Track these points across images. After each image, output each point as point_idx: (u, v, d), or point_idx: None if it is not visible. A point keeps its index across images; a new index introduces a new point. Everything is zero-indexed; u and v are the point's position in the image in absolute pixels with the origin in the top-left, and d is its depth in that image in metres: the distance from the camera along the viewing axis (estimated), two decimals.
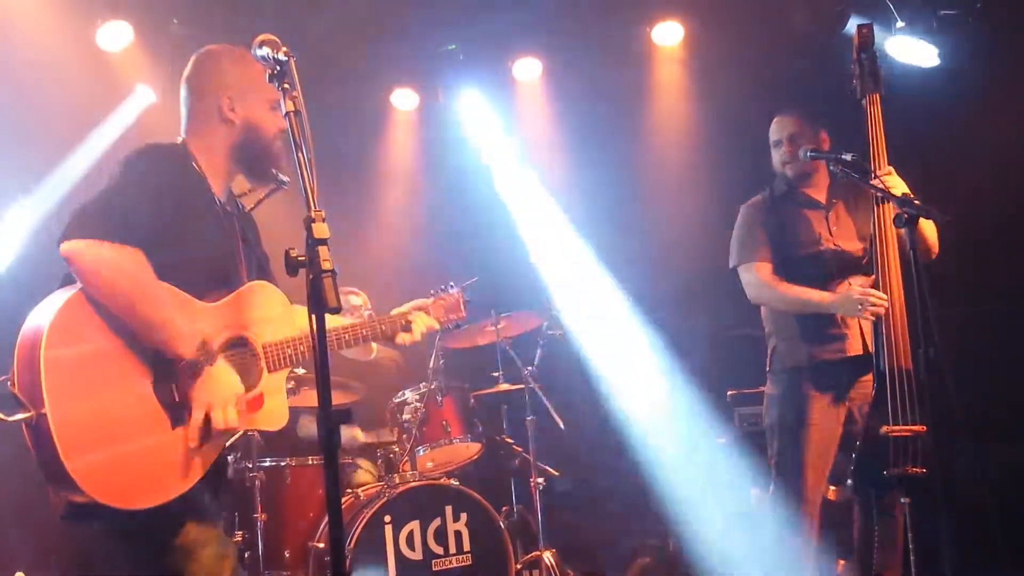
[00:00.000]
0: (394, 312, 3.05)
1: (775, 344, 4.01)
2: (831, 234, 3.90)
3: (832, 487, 4.06)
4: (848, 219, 3.93)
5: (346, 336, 2.89)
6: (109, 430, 2.35)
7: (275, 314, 2.74)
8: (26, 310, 2.47)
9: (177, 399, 2.48)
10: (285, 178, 2.81)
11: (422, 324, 3.02)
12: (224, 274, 2.68)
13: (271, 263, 2.96)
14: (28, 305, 2.48)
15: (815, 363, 3.84)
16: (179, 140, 2.75)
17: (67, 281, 2.50)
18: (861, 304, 3.59)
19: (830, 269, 3.85)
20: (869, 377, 3.72)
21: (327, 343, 2.04)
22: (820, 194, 4.00)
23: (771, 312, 4.05)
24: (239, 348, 2.66)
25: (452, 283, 3.25)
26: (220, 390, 2.50)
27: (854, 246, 3.88)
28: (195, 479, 2.50)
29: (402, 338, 2.99)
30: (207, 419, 2.48)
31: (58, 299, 2.41)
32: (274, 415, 2.72)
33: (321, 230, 2.03)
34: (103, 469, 2.32)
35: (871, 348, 3.72)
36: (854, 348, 3.79)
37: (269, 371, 2.68)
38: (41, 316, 2.39)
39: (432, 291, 3.20)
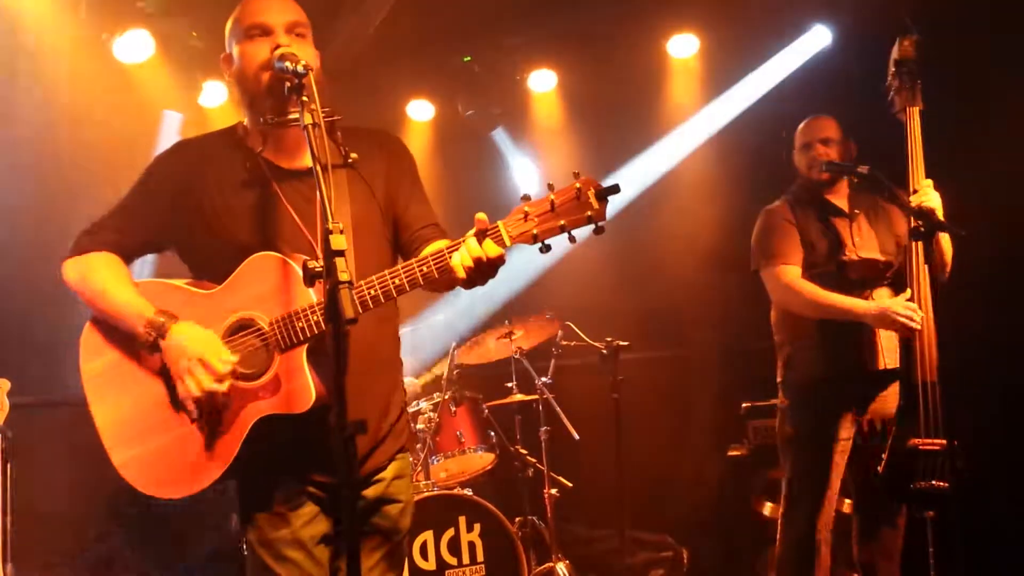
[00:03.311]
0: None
1: (790, 353, 3.89)
2: (854, 244, 3.80)
3: (847, 500, 4.02)
4: (870, 230, 3.84)
5: (395, 281, 2.31)
6: (139, 428, 2.48)
7: (280, 285, 2.39)
8: None
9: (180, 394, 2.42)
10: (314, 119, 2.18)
11: (467, 252, 2.20)
12: (261, 249, 2.41)
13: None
14: None
15: (837, 375, 3.72)
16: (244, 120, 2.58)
17: None
18: (900, 320, 3.47)
19: (854, 279, 3.74)
20: (887, 392, 3.66)
21: (346, 346, 2.00)
22: (842, 202, 3.91)
23: (787, 319, 3.91)
24: (244, 331, 2.40)
25: (577, 172, 2.21)
26: (183, 356, 2.34)
27: (877, 258, 3.79)
28: (218, 471, 2.38)
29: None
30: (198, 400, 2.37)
31: None
32: (296, 397, 2.35)
33: (338, 242, 2.02)
34: (139, 463, 2.46)
35: (891, 362, 3.65)
36: (877, 362, 3.69)
37: (283, 350, 2.36)
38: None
39: (524, 194, 2.22)
